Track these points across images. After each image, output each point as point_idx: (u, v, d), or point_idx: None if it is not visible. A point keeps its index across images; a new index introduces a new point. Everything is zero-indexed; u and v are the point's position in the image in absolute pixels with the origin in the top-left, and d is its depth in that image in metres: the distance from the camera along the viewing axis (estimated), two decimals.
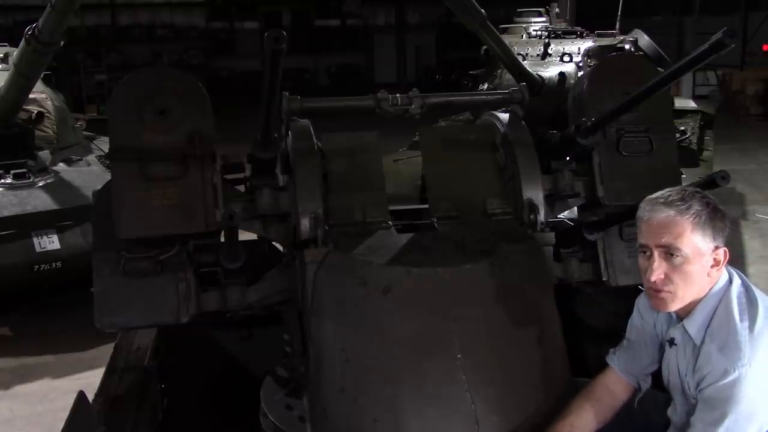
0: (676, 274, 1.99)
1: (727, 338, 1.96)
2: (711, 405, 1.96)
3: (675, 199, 1.98)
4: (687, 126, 7.56)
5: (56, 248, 5.32)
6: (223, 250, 2.59)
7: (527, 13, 8.75)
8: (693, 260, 1.97)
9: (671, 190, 2.03)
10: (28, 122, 5.90)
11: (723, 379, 1.92)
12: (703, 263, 1.98)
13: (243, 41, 30.04)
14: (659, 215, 1.98)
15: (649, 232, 2.00)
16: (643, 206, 2.04)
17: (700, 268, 1.98)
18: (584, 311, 3.17)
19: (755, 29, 21.78)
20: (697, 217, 1.95)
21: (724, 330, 1.98)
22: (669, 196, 2.00)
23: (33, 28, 4.73)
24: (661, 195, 2.02)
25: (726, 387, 1.92)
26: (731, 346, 1.94)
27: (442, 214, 2.67)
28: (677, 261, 1.97)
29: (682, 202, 1.96)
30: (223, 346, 3.29)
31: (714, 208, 1.98)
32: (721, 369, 1.93)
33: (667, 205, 1.97)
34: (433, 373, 2.19)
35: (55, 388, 4.94)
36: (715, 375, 1.95)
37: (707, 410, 1.96)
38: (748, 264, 7.07)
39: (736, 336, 1.95)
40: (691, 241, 1.95)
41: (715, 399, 1.94)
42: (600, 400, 2.29)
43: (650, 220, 2.00)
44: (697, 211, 1.95)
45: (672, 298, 2.02)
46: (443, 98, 2.85)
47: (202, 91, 2.55)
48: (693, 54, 2.06)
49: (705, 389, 1.97)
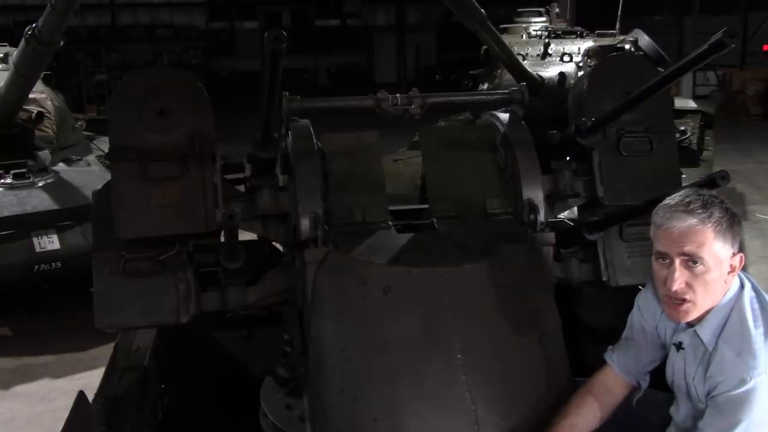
0: (697, 283, 1.95)
1: (741, 345, 1.94)
2: (722, 412, 1.94)
3: (696, 207, 1.92)
4: (687, 126, 7.56)
5: (56, 248, 5.31)
6: (223, 250, 2.59)
7: (527, 13, 8.76)
8: (714, 268, 1.93)
9: (689, 195, 1.97)
10: (28, 122, 5.90)
11: (739, 387, 1.90)
12: (722, 270, 1.95)
13: (243, 41, 30.10)
14: (681, 223, 1.92)
15: (669, 239, 1.94)
16: (661, 213, 1.97)
17: (719, 275, 1.95)
18: (584, 311, 3.17)
19: (755, 29, 21.81)
20: (719, 225, 1.90)
21: (738, 337, 1.95)
22: (689, 203, 1.93)
23: (33, 28, 4.73)
24: (680, 201, 1.95)
25: (740, 395, 1.90)
26: (746, 354, 1.92)
27: (442, 214, 2.67)
28: (699, 270, 1.93)
29: (703, 209, 1.91)
30: (223, 346, 3.30)
31: (732, 213, 1.94)
32: (737, 377, 1.91)
33: (689, 213, 1.91)
34: (433, 373, 2.19)
35: (55, 388, 4.94)
36: (729, 383, 1.92)
37: (718, 416, 1.95)
38: (748, 264, 7.07)
39: (751, 343, 1.93)
40: (712, 250, 1.91)
41: (728, 406, 1.92)
42: (598, 398, 2.28)
43: (670, 228, 1.93)
44: (718, 218, 1.91)
45: (692, 308, 1.99)
46: (443, 98, 2.85)
47: (202, 91, 2.55)
48: (693, 54, 2.05)
49: (718, 397, 1.95)
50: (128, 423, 2.47)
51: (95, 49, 26.48)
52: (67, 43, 5.13)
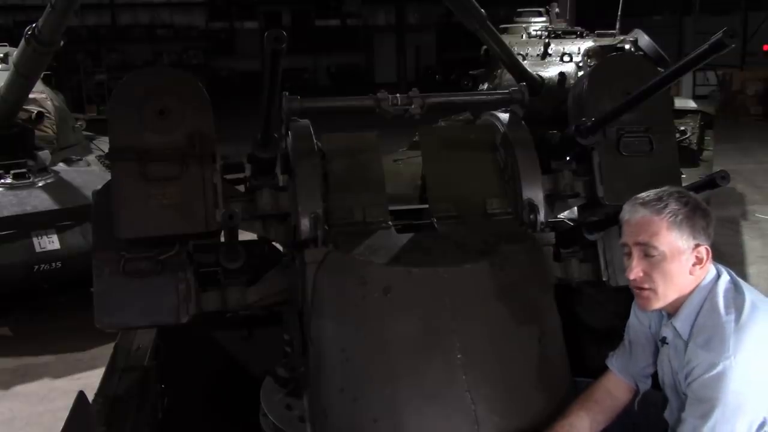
0: (654, 272, 2.03)
1: (712, 332, 1.98)
2: (699, 398, 1.97)
3: (652, 199, 2.04)
4: (687, 126, 7.56)
5: (56, 248, 5.32)
6: (223, 250, 2.59)
7: (527, 13, 8.76)
8: (671, 258, 2.01)
9: (653, 191, 2.08)
10: (28, 122, 5.90)
11: (709, 372, 1.94)
12: (683, 261, 2.02)
13: (243, 41, 30.11)
14: (637, 215, 2.05)
15: (628, 231, 2.07)
16: (625, 207, 2.11)
17: (679, 265, 2.02)
18: (584, 311, 3.17)
19: (755, 29, 21.82)
20: (673, 216, 1.99)
21: (710, 324, 2.00)
22: (647, 197, 2.06)
23: (33, 28, 4.73)
24: (641, 195, 2.08)
25: (712, 380, 1.93)
26: (716, 340, 1.96)
27: (442, 214, 2.67)
28: (655, 259, 2.02)
29: (658, 201, 2.02)
30: (223, 346, 3.30)
31: (694, 207, 2.02)
32: (707, 362, 1.95)
33: (644, 205, 2.04)
34: (433, 373, 2.19)
35: (55, 388, 4.95)
36: (701, 369, 1.96)
37: (696, 404, 1.97)
38: (749, 264, 7.07)
39: (721, 329, 1.97)
40: (667, 240, 2.00)
41: (702, 392, 1.95)
42: (600, 402, 2.30)
43: (629, 219, 2.07)
44: (673, 210, 2.00)
45: (653, 295, 2.06)
46: (443, 98, 2.85)
47: (202, 91, 2.55)
48: (693, 54, 2.06)
49: (692, 383, 1.99)
50: (128, 423, 2.47)
51: (95, 49, 26.49)
52: (67, 43, 5.13)
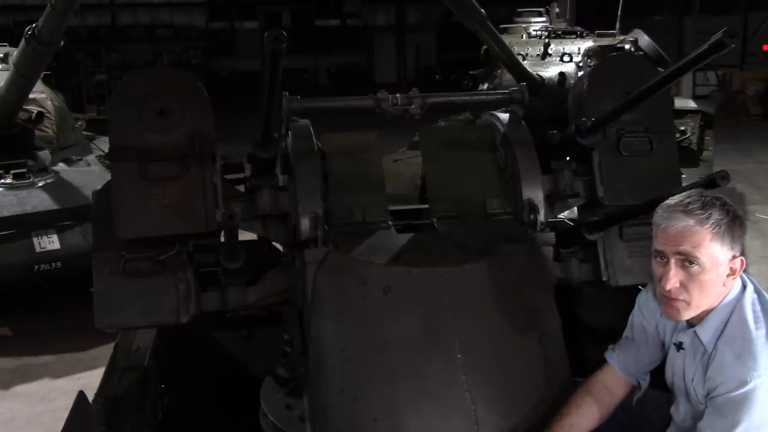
0: (692, 284, 1.96)
1: (742, 347, 1.94)
2: (722, 413, 1.94)
3: (695, 208, 1.93)
4: (687, 126, 7.57)
5: (56, 248, 5.32)
6: (223, 250, 2.59)
7: (527, 13, 8.76)
8: (710, 270, 1.94)
9: (690, 195, 1.98)
10: (28, 122, 5.90)
11: (739, 389, 1.90)
12: (720, 272, 1.96)
13: (243, 41, 30.11)
14: (678, 223, 1.93)
15: (667, 239, 1.96)
16: (660, 212, 1.99)
17: (716, 277, 1.96)
18: (584, 311, 3.17)
19: (755, 29, 21.81)
20: (717, 227, 1.91)
21: (739, 338, 1.96)
22: (689, 204, 1.94)
23: (33, 28, 4.73)
24: (679, 201, 1.97)
25: (740, 397, 1.90)
26: (746, 355, 1.92)
27: (442, 214, 2.67)
28: (694, 270, 1.94)
29: (702, 210, 1.92)
30: (223, 346, 3.30)
31: (734, 216, 1.94)
32: (736, 378, 1.91)
33: (687, 214, 1.93)
34: (433, 373, 2.19)
35: (55, 388, 4.95)
36: (730, 384, 1.92)
37: (717, 417, 1.95)
38: (748, 264, 7.05)
39: (751, 345, 1.93)
40: (709, 251, 1.92)
41: (728, 407, 1.92)
42: (598, 397, 2.28)
43: (668, 227, 1.95)
44: (717, 220, 1.91)
45: (686, 307, 2.00)
46: (443, 98, 2.85)
47: (202, 91, 2.55)
48: (693, 54, 2.05)
49: (717, 398, 1.95)
50: (128, 423, 2.47)
51: (95, 49, 26.48)
52: (67, 43, 5.13)
